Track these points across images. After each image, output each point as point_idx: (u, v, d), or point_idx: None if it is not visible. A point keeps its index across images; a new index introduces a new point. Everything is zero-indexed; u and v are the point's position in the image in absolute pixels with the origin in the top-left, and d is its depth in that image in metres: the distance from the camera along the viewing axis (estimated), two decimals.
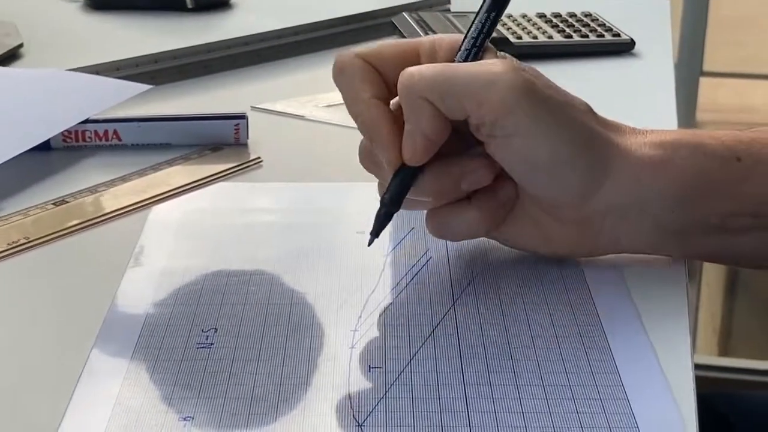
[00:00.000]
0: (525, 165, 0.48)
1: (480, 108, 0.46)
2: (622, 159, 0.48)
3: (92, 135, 0.66)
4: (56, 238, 0.56)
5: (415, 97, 0.46)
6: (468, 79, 0.46)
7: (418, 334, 0.46)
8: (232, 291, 0.50)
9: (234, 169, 0.64)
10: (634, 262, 0.51)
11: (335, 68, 0.49)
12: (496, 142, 0.47)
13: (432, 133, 0.47)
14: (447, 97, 0.46)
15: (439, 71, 0.47)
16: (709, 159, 0.48)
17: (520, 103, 0.46)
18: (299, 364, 0.44)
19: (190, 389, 0.43)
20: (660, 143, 0.49)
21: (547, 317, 0.47)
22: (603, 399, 0.41)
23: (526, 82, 0.46)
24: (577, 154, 0.47)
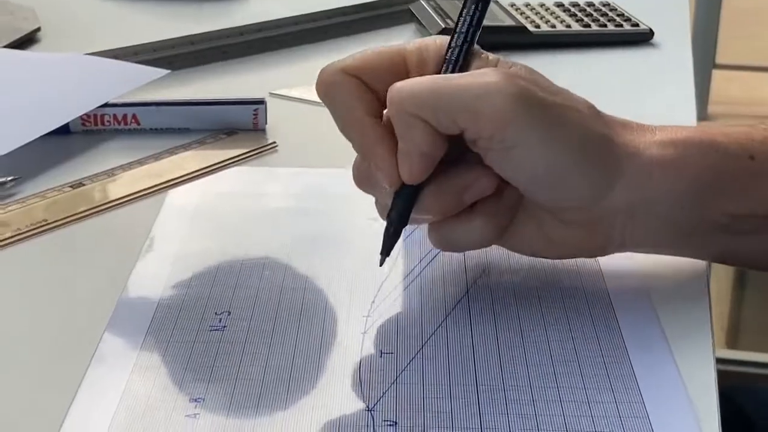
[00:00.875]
0: (527, 176, 0.45)
1: (476, 122, 0.43)
2: (631, 159, 0.46)
3: (111, 119, 0.65)
4: (73, 221, 0.55)
5: (406, 115, 0.43)
6: (460, 92, 0.43)
7: (430, 321, 0.45)
8: (246, 275, 0.49)
9: (249, 154, 0.64)
10: (655, 262, 0.50)
11: (320, 86, 0.46)
12: (494, 155, 0.44)
13: (427, 150, 0.44)
14: (439, 113, 0.43)
15: (428, 86, 0.44)
16: (722, 157, 0.46)
17: (518, 114, 0.43)
18: (311, 348, 0.44)
19: (201, 371, 0.42)
20: (670, 142, 0.46)
21: (562, 308, 0.46)
22: (618, 402, 0.40)
23: (522, 89, 0.43)
24: (581, 159, 0.45)
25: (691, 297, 0.48)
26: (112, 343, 0.44)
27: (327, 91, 0.46)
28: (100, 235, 0.55)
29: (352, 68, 0.45)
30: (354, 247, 0.52)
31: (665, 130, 0.47)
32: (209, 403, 0.40)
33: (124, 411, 0.40)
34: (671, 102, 0.73)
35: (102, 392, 0.41)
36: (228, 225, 0.55)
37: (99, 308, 0.47)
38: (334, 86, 0.45)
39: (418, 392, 0.41)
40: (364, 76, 0.45)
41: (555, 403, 0.40)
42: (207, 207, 0.57)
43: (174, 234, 0.54)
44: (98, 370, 0.42)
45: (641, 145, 0.46)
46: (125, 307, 0.47)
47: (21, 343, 0.45)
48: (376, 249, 0.51)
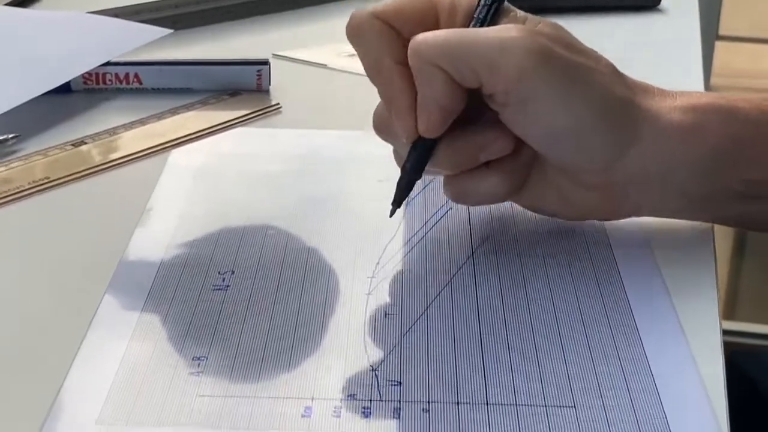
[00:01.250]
0: (542, 133, 0.45)
1: (493, 74, 0.43)
2: (650, 124, 0.45)
3: (113, 78, 0.65)
4: (75, 180, 0.55)
5: (426, 64, 0.43)
6: (481, 44, 0.43)
7: (435, 284, 0.45)
8: (249, 235, 0.49)
9: (252, 115, 0.63)
10: (660, 225, 0.49)
11: (350, 28, 0.45)
12: (510, 111, 0.44)
13: (446, 102, 0.44)
14: (459, 63, 0.43)
15: (450, 37, 0.43)
16: (742, 124, 0.46)
17: (536, 70, 0.43)
18: (315, 309, 0.43)
19: (204, 330, 0.42)
20: (691, 107, 0.46)
21: (567, 272, 0.46)
22: (622, 358, 0.40)
23: (543, 47, 0.43)
24: (599, 121, 0.44)
25: (696, 261, 0.47)
26: (114, 303, 0.44)
27: (356, 33, 0.45)
28: (102, 194, 0.54)
29: (384, 13, 0.45)
30: (359, 208, 0.51)
31: (686, 96, 0.47)
32: (212, 361, 0.40)
33: (127, 369, 0.39)
34: (678, 70, 0.72)
35: (104, 351, 0.40)
36: (231, 186, 0.54)
37: (100, 267, 0.46)
38: (364, 29, 0.45)
39: (423, 353, 0.40)
40: (395, 22, 0.45)
41: (559, 362, 0.40)
42: (210, 168, 0.56)
43: (177, 194, 0.53)
44: (100, 330, 0.42)
45: (662, 109, 0.46)
46: (127, 267, 0.46)
47: (20, 302, 0.44)
48: (381, 211, 0.51)
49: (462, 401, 0.38)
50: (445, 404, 0.38)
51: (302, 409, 0.37)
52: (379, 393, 0.38)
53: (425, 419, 0.37)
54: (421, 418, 0.37)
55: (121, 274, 0.46)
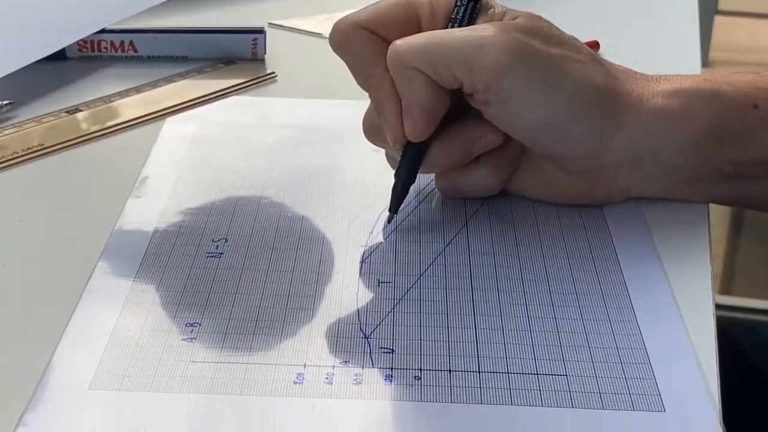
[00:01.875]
0: (525, 127, 0.45)
1: (470, 74, 0.43)
2: (634, 110, 0.45)
3: (108, 45, 0.64)
4: (69, 147, 0.54)
5: (405, 68, 0.44)
6: (456, 44, 0.43)
7: (428, 252, 0.45)
8: (244, 203, 0.49)
9: (247, 84, 0.62)
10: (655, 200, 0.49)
11: (335, 39, 0.46)
12: (492, 109, 0.45)
13: (429, 104, 0.44)
14: (437, 65, 0.43)
15: (426, 40, 0.44)
16: (726, 107, 0.46)
17: (512, 66, 0.43)
18: (308, 276, 0.43)
19: (197, 296, 0.42)
20: (674, 91, 0.46)
21: (561, 242, 0.46)
22: (616, 333, 0.40)
23: (517, 43, 0.43)
24: (578, 110, 0.44)
25: (691, 233, 0.47)
26: (107, 271, 0.43)
27: (341, 44, 0.46)
28: (97, 162, 0.54)
29: (367, 22, 0.45)
30: (353, 177, 0.51)
31: (670, 80, 0.47)
32: (205, 327, 0.40)
33: (119, 336, 0.39)
34: (675, 44, 0.71)
35: (97, 318, 0.40)
36: (226, 154, 0.54)
37: (94, 234, 0.46)
38: (349, 40, 0.46)
39: (416, 321, 0.40)
40: (379, 29, 0.45)
41: (552, 331, 0.40)
42: (204, 136, 0.56)
43: (171, 163, 0.53)
44: (92, 297, 0.42)
45: (645, 94, 0.46)
46: (120, 235, 0.46)
47: (13, 270, 0.44)
48: (375, 180, 0.51)
49: (454, 369, 0.38)
50: (437, 372, 0.37)
51: (294, 376, 0.37)
52: (371, 360, 0.38)
53: (417, 386, 0.37)
54: (413, 385, 0.37)
55: (114, 242, 0.45)
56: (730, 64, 2.35)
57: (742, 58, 2.43)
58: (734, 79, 0.47)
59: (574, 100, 0.44)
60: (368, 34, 0.45)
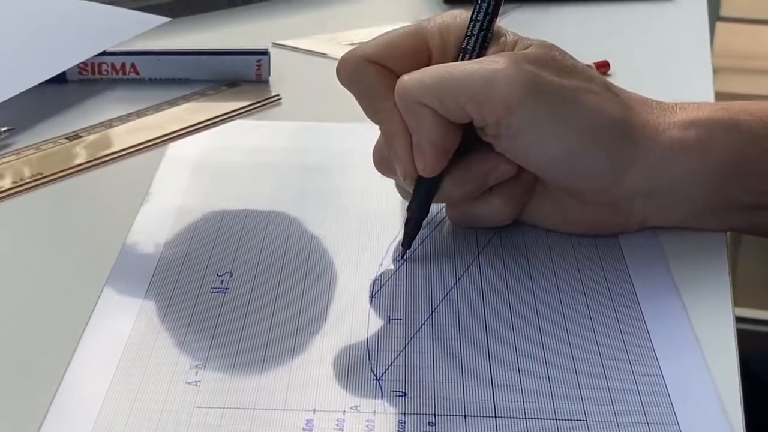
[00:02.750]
0: (537, 162, 0.44)
1: (480, 109, 0.42)
2: (650, 142, 0.44)
3: (109, 68, 0.63)
4: (69, 175, 0.53)
5: (413, 104, 0.43)
6: (465, 79, 0.42)
7: (440, 286, 0.43)
8: (249, 232, 0.47)
9: (252, 107, 0.61)
10: None
11: (342, 73, 0.45)
12: (503, 143, 0.43)
13: (439, 140, 0.43)
14: (445, 100, 0.42)
15: (435, 74, 0.43)
16: (744, 138, 0.44)
17: (522, 101, 0.42)
18: (316, 313, 0.41)
19: (202, 335, 0.40)
20: (691, 122, 0.44)
21: (575, 272, 0.44)
22: (635, 371, 0.38)
23: (528, 75, 0.42)
24: (591, 144, 0.43)
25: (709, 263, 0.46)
26: (109, 307, 0.42)
27: (350, 78, 0.45)
28: (98, 190, 0.52)
29: (375, 56, 0.44)
30: (361, 203, 0.50)
31: (686, 109, 0.45)
32: (210, 370, 0.38)
33: (122, 380, 0.37)
34: (687, 60, 0.70)
35: (98, 360, 0.39)
36: (230, 180, 0.52)
37: (96, 268, 0.44)
38: (357, 74, 0.44)
39: (428, 361, 0.38)
40: (387, 62, 0.44)
41: (570, 373, 0.38)
42: (208, 161, 0.54)
43: (174, 189, 0.51)
44: (93, 337, 0.40)
45: (661, 126, 0.44)
46: (123, 267, 0.44)
47: (15, 303, 0.42)
48: (385, 207, 0.49)
49: (469, 414, 0.36)
50: (452, 417, 0.36)
51: (304, 422, 0.35)
52: (384, 404, 0.36)
53: None
54: None
55: (116, 277, 0.44)
56: (733, 71, 2.34)
57: (744, 65, 2.41)
58: (751, 108, 0.46)
59: (587, 133, 0.43)
60: (377, 68, 0.44)
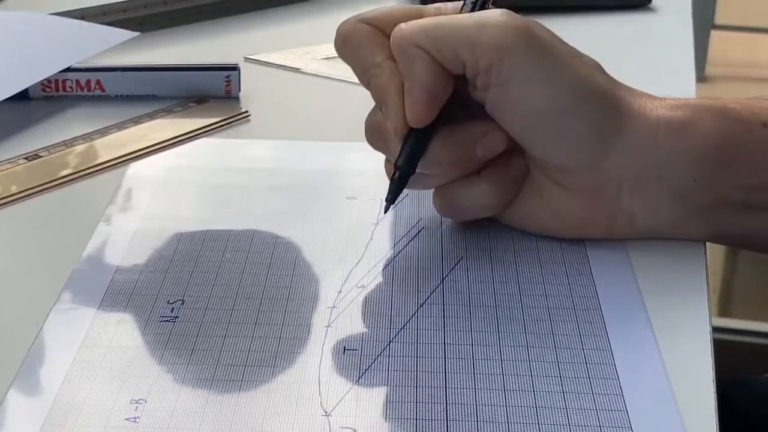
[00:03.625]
0: (525, 116, 0.43)
1: (473, 52, 0.42)
2: (637, 118, 0.43)
3: (74, 84, 0.61)
4: (27, 197, 0.50)
5: (408, 46, 0.42)
6: (461, 24, 0.43)
7: (400, 315, 0.41)
8: (205, 258, 0.45)
9: (219, 124, 0.59)
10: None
11: (339, 39, 0.45)
12: (493, 93, 0.43)
13: (431, 86, 0.42)
14: (440, 43, 0.42)
15: (432, 20, 0.43)
16: (733, 122, 0.43)
17: (516, 45, 0.42)
18: (268, 343, 0.39)
19: (146, 368, 0.38)
20: (679, 105, 0.44)
21: (544, 307, 0.41)
22: (593, 385, 0.36)
23: (523, 23, 0.42)
24: (581, 103, 0.42)
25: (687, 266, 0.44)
26: (53, 336, 0.40)
27: (345, 39, 0.45)
28: (56, 212, 0.50)
29: (372, 19, 0.45)
30: (326, 228, 0.47)
31: (674, 98, 0.45)
32: (151, 405, 0.36)
33: (58, 413, 0.35)
34: (670, 70, 0.68)
35: (36, 391, 0.37)
36: (191, 202, 0.50)
37: (45, 293, 0.42)
38: (352, 33, 0.45)
39: (381, 395, 0.36)
40: (385, 26, 0.44)
41: (530, 411, 0.36)
42: (170, 182, 0.52)
43: (132, 211, 0.49)
44: (36, 361, 0.38)
45: (647, 106, 0.44)
46: (71, 293, 0.42)
47: None
48: (349, 231, 0.47)
49: None
50: None
51: None
52: None
53: None
54: None
55: (64, 300, 0.42)
56: (728, 79, 2.32)
57: (739, 73, 2.39)
58: (740, 99, 0.45)
59: (576, 92, 0.43)
60: (371, 28, 0.44)
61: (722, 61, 2.33)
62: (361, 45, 0.44)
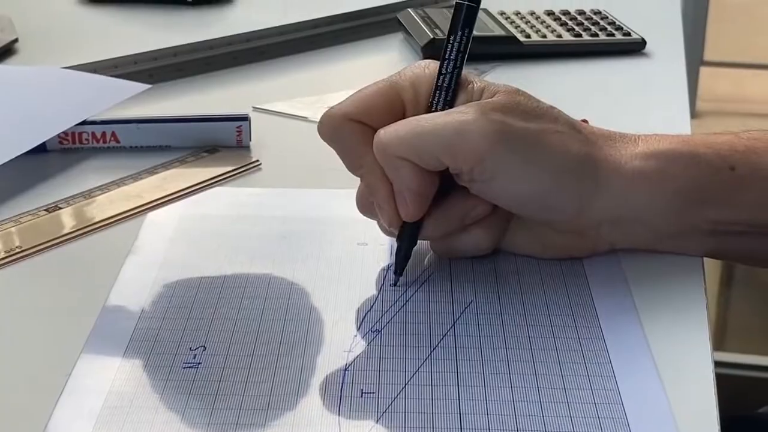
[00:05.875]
0: (510, 201, 0.47)
1: (455, 158, 0.45)
2: (612, 174, 0.46)
3: (89, 137, 0.62)
4: (49, 247, 0.52)
5: (392, 158, 0.45)
6: (438, 132, 0.45)
7: (414, 358, 0.42)
8: (224, 304, 0.46)
9: (232, 173, 0.60)
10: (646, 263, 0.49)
11: (323, 131, 0.47)
12: (477, 186, 0.46)
13: (418, 188, 0.45)
14: (421, 153, 0.45)
15: (409, 128, 0.45)
16: (703, 169, 0.47)
17: (493, 149, 0.44)
18: (289, 387, 0.40)
19: (173, 413, 0.39)
20: (652, 153, 0.47)
21: (553, 349, 0.43)
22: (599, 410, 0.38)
23: (496, 125, 0.44)
24: (559, 181, 0.46)
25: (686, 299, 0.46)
26: (80, 384, 0.41)
27: (331, 136, 0.47)
28: (77, 263, 0.51)
29: (356, 113, 0.46)
30: (339, 274, 0.49)
31: (648, 141, 0.48)
32: None
33: None
34: (665, 113, 0.70)
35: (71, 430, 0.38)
36: (208, 250, 0.52)
37: (72, 340, 0.43)
38: (337, 132, 0.47)
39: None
40: (364, 118, 0.46)
41: None
42: (186, 231, 0.53)
43: (151, 260, 0.50)
44: (65, 410, 0.39)
45: (623, 158, 0.47)
46: (96, 342, 0.44)
47: None
48: (361, 277, 0.48)
49: None
50: None
51: None
52: None
53: None
54: None
55: (90, 348, 0.43)
56: (717, 114, 2.34)
57: (728, 108, 2.42)
58: (712, 141, 0.48)
59: (555, 172, 0.46)
60: (355, 125, 0.46)
61: (711, 97, 2.36)
62: (348, 144, 0.47)
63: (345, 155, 0.47)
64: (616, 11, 0.86)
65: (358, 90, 0.47)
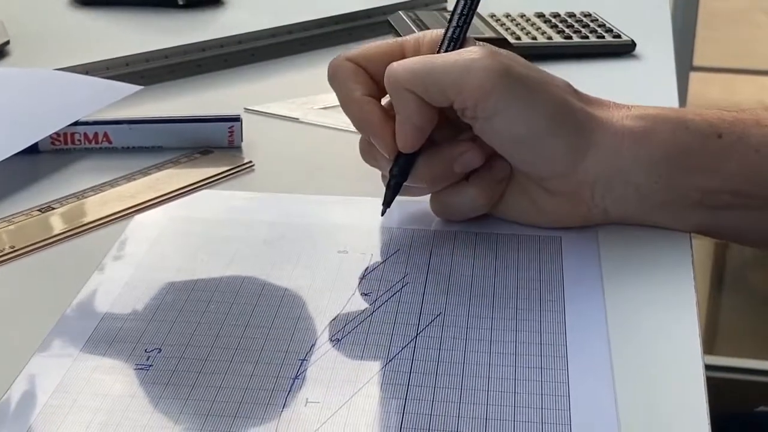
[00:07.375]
0: (509, 141, 0.45)
1: (461, 94, 0.44)
2: (604, 131, 0.45)
3: (82, 137, 0.57)
4: (41, 248, 0.47)
5: (400, 89, 0.44)
6: (447, 67, 0.44)
7: (368, 369, 0.37)
8: (189, 308, 0.41)
9: (224, 174, 0.55)
10: None
11: (329, 73, 0.47)
12: (480, 124, 0.45)
13: (420, 122, 0.45)
14: (430, 87, 0.44)
15: (420, 63, 0.45)
16: (691, 133, 0.45)
17: (497, 85, 0.43)
18: (234, 393, 0.36)
19: (112, 415, 0.34)
20: (642, 116, 0.46)
21: (511, 364, 0.37)
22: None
23: (501, 64, 0.44)
24: (556, 126, 0.44)
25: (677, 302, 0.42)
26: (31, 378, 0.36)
27: (332, 75, 0.47)
28: (70, 262, 0.46)
29: (355, 56, 0.47)
30: (312, 281, 0.43)
31: (639, 107, 0.47)
32: None
33: None
34: None
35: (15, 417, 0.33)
36: (186, 253, 0.46)
37: (36, 339, 0.39)
38: (338, 70, 0.47)
39: None
40: (365, 63, 0.47)
41: None
42: (170, 233, 0.48)
43: (128, 260, 0.45)
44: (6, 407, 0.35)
45: (614, 119, 0.46)
46: (57, 337, 0.39)
47: None
48: (334, 285, 0.43)
49: None
50: None
51: None
52: None
53: None
54: None
55: (41, 353, 0.38)
56: None
57: None
58: (702, 111, 0.46)
59: (552, 117, 0.44)
60: (354, 66, 0.46)
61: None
62: (344, 81, 0.46)
63: (340, 91, 0.46)
64: (606, 14, 0.80)
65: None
